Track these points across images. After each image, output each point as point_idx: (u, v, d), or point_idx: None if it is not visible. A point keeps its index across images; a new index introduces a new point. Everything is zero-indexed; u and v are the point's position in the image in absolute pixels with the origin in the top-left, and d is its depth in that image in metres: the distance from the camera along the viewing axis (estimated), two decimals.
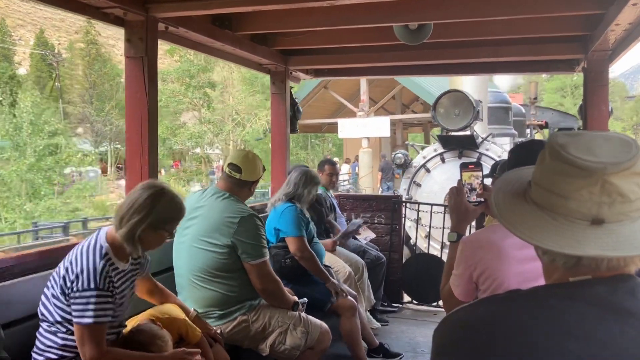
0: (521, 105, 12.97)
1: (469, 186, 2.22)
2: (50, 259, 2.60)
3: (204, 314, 2.92)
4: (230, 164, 3.09)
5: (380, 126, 17.75)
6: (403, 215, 6.00)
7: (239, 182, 3.07)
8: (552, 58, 5.04)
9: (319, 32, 4.58)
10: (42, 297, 2.23)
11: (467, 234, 2.06)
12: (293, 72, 5.53)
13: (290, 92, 5.51)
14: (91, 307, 2.09)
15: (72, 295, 2.11)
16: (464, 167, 2.29)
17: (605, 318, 0.87)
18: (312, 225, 3.95)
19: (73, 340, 2.15)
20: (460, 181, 2.20)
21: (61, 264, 2.20)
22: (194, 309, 2.80)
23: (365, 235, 5.43)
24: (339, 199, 5.87)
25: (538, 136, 12.87)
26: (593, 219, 0.90)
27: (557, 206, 0.93)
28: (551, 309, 0.90)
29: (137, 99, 3.40)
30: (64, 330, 2.17)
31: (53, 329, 2.18)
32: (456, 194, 2.08)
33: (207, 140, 32.75)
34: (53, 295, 2.18)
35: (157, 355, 2.28)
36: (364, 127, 17.71)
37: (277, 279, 3.12)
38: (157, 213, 2.20)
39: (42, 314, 2.21)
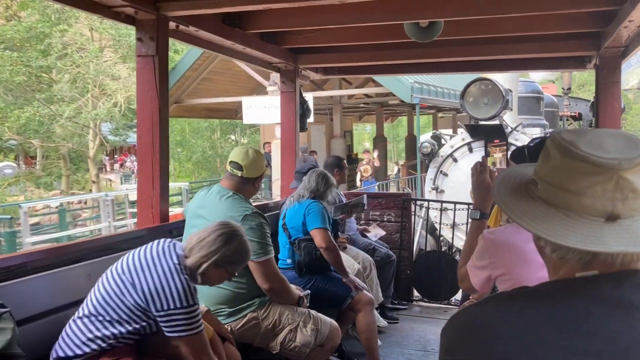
0: (554, 96, 12.79)
1: (493, 164, 2.18)
2: (61, 256, 2.63)
3: (213, 312, 2.93)
4: (231, 162, 3.12)
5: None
6: (413, 213, 5.98)
7: (241, 180, 3.09)
8: (564, 55, 5.00)
9: (328, 30, 4.58)
10: (97, 294, 2.23)
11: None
12: (303, 71, 5.53)
13: (300, 91, 5.52)
14: (196, 318, 2.21)
15: (164, 314, 2.16)
16: (489, 141, 2.26)
17: (612, 313, 0.87)
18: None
19: (126, 333, 2.20)
20: (485, 157, 2.17)
21: (134, 277, 2.20)
22: (204, 305, 2.81)
23: (375, 233, 5.43)
24: (348, 197, 5.87)
25: (570, 127, 12.69)
26: (608, 215, 0.90)
27: (571, 203, 0.92)
28: (557, 305, 0.89)
29: (149, 98, 3.42)
30: (123, 327, 2.21)
31: (106, 322, 2.20)
32: (480, 171, 2.03)
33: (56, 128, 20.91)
34: (123, 302, 2.20)
35: None
36: (276, 109, 11.27)
37: (282, 277, 3.12)
38: (224, 253, 2.27)
39: (95, 309, 2.22)
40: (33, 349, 2.20)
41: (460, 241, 6.67)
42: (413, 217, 6.02)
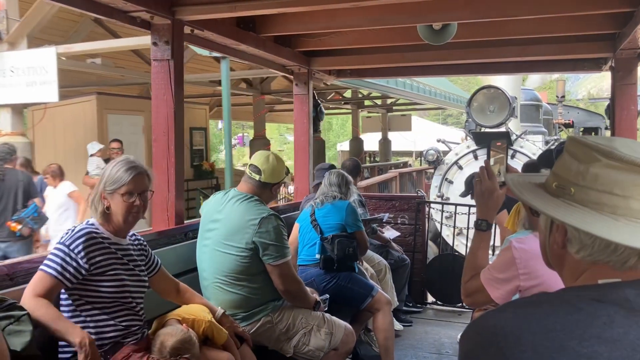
0: (548, 103, 12.77)
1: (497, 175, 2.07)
2: None
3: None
4: (250, 165, 3.09)
5: (38, 75, 6.46)
6: (426, 216, 5.96)
7: (259, 184, 3.06)
8: (579, 57, 4.96)
9: (342, 33, 4.59)
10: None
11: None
12: (316, 74, 5.54)
13: (314, 94, 5.53)
14: (50, 257, 2.17)
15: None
16: (493, 145, 2.17)
17: (635, 320, 0.86)
18: None
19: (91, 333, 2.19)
20: (488, 161, 2.05)
21: None
22: (220, 307, 2.81)
23: (390, 234, 5.42)
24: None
25: (563, 135, 12.70)
26: None
27: (617, 207, 0.93)
28: (580, 312, 0.89)
29: (164, 101, 3.45)
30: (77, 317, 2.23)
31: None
32: (487, 179, 1.88)
33: None
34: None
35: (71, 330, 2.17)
36: (28, 74, 6.57)
37: (299, 279, 3.12)
38: (105, 179, 2.31)
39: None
40: (50, 350, 2.23)
41: (463, 248, 6.63)
42: (427, 219, 6.00)
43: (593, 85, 50.60)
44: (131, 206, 2.31)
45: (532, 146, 7.40)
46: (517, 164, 6.55)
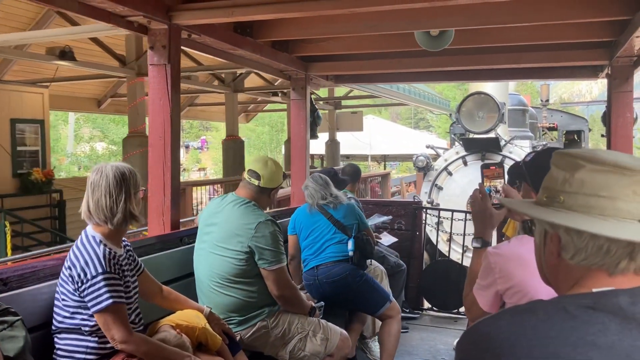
0: (533, 107, 12.90)
1: (493, 189, 2.18)
2: None
3: (224, 320, 2.92)
4: (249, 171, 3.09)
5: None
6: (423, 221, 5.96)
7: (257, 189, 3.07)
8: (575, 64, 4.99)
9: (339, 38, 4.60)
10: (55, 310, 2.25)
11: (493, 239, 2.03)
12: (313, 79, 5.55)
13: (311, 99, 5.54)
14: (104, 290, 2.12)
15: (83, 287, 2.14)
16: (485, 167, 2.26)
17: (629, 328, 0.87)
18: None
19: (95, 342, 2.19)
20: (482, 184, 2.15)
21: (62, 270, 2.24)
22: (207, 306, 2.80)
23: (387, 239, 5.42)
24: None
25: (546, 138, 12.85)
26: None
27: (605, 208, 0.95)
28: (574, 319, 0.89)
29: (161, 106, 3.45)
30: (86, 333, 2.20)
31: (72, 335, 2.21)
32: (480, 199, 2.03)
33: None
34: (65, 303, 2.20)
35: (179, 352, 2.31)
36: None
37: (293, 285, 3.12)
38: (127, 183, 2.26)
39: (60, 323, 2.23)
40: (45, 357, 2.21)
41: (456, 254, 6.63)
42: (424, 225, 6.00)
43: (564, 91, 51.48)
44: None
45: (520, 151, 7.41)
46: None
